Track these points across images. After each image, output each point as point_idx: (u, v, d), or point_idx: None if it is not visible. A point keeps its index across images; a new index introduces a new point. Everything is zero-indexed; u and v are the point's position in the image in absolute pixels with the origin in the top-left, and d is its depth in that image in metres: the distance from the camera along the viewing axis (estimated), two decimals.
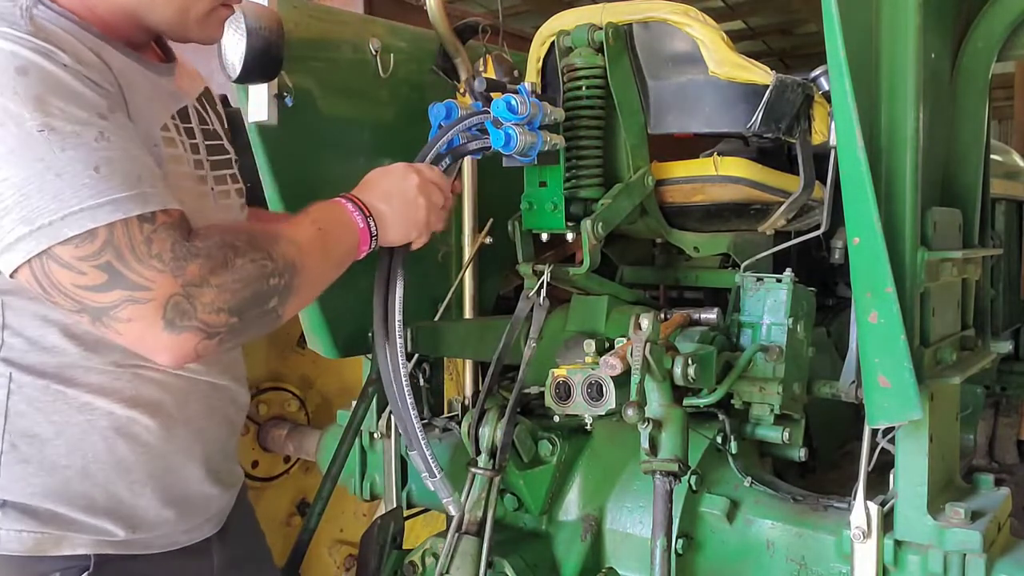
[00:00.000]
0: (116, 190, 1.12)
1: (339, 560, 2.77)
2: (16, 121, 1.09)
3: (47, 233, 1.10)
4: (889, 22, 1.40)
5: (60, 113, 1.11)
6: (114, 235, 1.12)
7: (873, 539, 1.50)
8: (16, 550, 1.26)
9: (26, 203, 1.09)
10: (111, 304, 1.14)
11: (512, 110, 1.59)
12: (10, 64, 1.10)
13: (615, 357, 1.48)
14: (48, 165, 1.09)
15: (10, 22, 1.15)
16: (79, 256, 1.11)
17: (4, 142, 1.08)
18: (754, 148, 2.08)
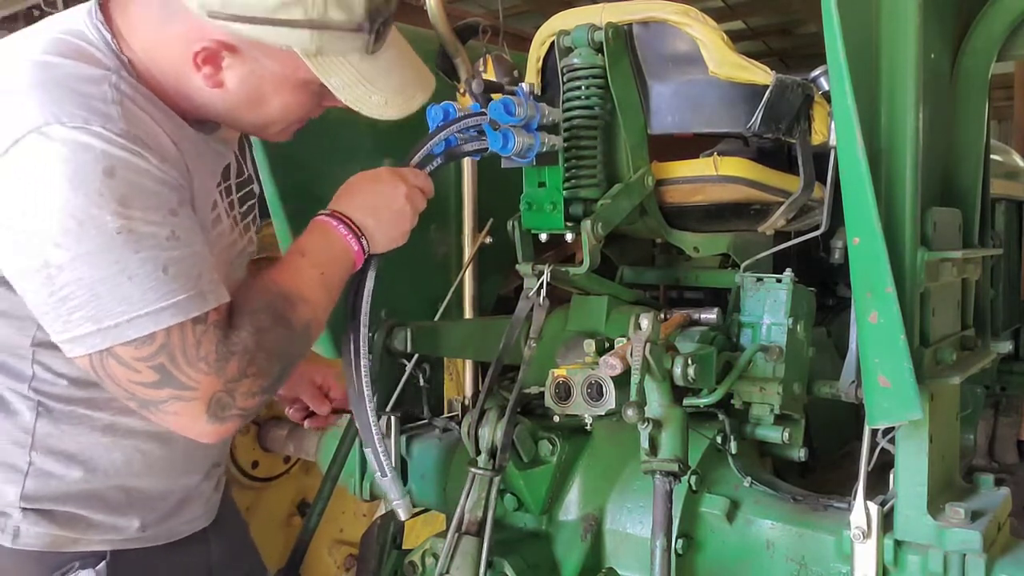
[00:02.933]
0: (178, 292, 1.20)
1: (339, 560, 2.77)
2: (97, 223, 1.14)
3: (112, 334, 1.18)
4: (889, 22, 1.40)
5: (138, 216, 1.17)
6: (170, 339, 1.20)
7: (873, 539, 1.50)
8: (36, 545, 1.34)
9: (97, 303, 1.17)
10: (160, 399, 1.23)
11: (509, 112, 1.59)
12: (99, 165, 1.15)
13: (615, 357, 1.48)
14: (122, 267, 1.16)
15: (104, 115, 1.18)
16: (136, 356, 1.20)
17: (84, 242, 1.14)
18: (754, 148, 2.08)
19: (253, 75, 1.32)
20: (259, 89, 1.34)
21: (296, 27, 1.24)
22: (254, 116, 1.39)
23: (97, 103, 1.19)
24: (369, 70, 1.34)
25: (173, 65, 1.31)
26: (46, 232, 1.14)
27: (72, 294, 1.17)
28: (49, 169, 1.14)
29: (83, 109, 1.17)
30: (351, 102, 1.36)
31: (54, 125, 1.14)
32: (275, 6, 1.22)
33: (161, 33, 1.30)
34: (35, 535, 1.34)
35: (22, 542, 1.34)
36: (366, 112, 1.38)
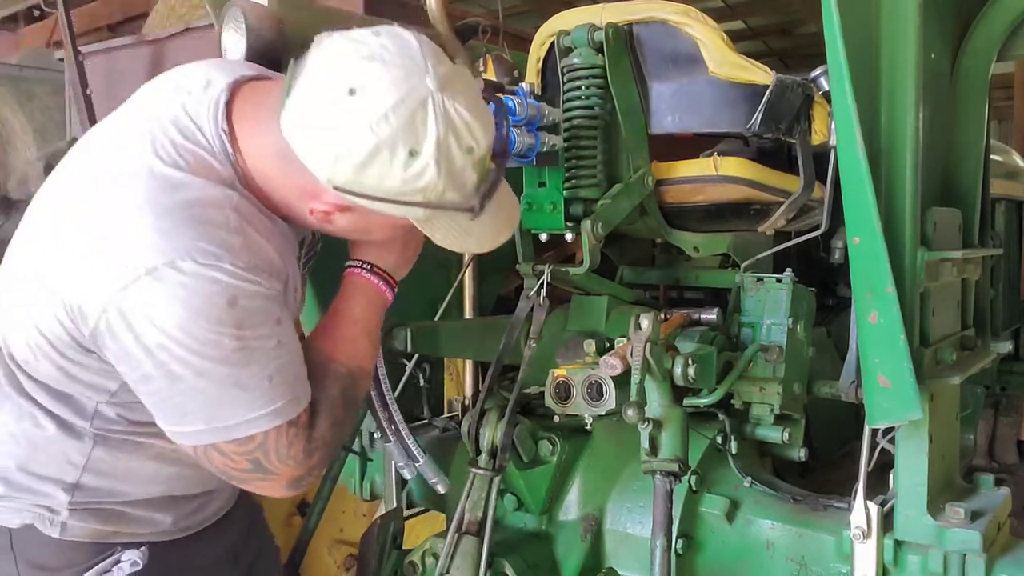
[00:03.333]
0: (279, 399, 1.35)
1: (339, 560, 2.77)
2: (217, 344, 1.27)
3: (220, 433, 1.34)
4: (889, 22, 1.40)
5: (250, 334, 1.30)
6: (267, 439, 1.36)
7: (873, 539, 1.50)
8: (80, 536, 1.46)
9: (209, 409, 1.32)
10: (248, 480, 1.41)
11: (510, 112, 1.59)
12: (223, 297, 1.26)
13: (615, 357, 1.48)
14: (235, 380, 1.30)
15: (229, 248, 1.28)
16: (236, 451, 1.36)
17: (204, 360, 1.27)
18: (754, 148, 2.08)
19: (361, 221, 1.42)
20: (368, 228, 1.46)
21: (414, 206, 1.33)
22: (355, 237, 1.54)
23: (222, 234, 1.29)
24: (468, 224, 1.42)
25: (285, 200, 1.41)
26: (171, 350, 1.26)
27: (188, 400, 1.31)
28: (180, 298, 1.25)
29: (212, 244, 1.27)
30: (447, 245, 1.46)
31: (188, 261, 1.25)
32: (399, 191, 1.31)
33: (280, 172, 1.37)
34: (80, 529, 1.46)
35: (68, 534, 1.45)
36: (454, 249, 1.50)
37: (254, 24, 1.74)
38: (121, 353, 1.29)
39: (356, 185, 1.30)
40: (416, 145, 1.27)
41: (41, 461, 1.44)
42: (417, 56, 1.30)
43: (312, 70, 1.31)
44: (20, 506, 1.45)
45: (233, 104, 1.39)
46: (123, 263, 1.25)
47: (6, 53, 6.96)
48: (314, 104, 1.29)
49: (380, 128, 1.25)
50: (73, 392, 1.41)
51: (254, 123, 1.37)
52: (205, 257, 1.25)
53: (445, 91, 1.29)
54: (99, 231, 1.29)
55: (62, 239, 1.33)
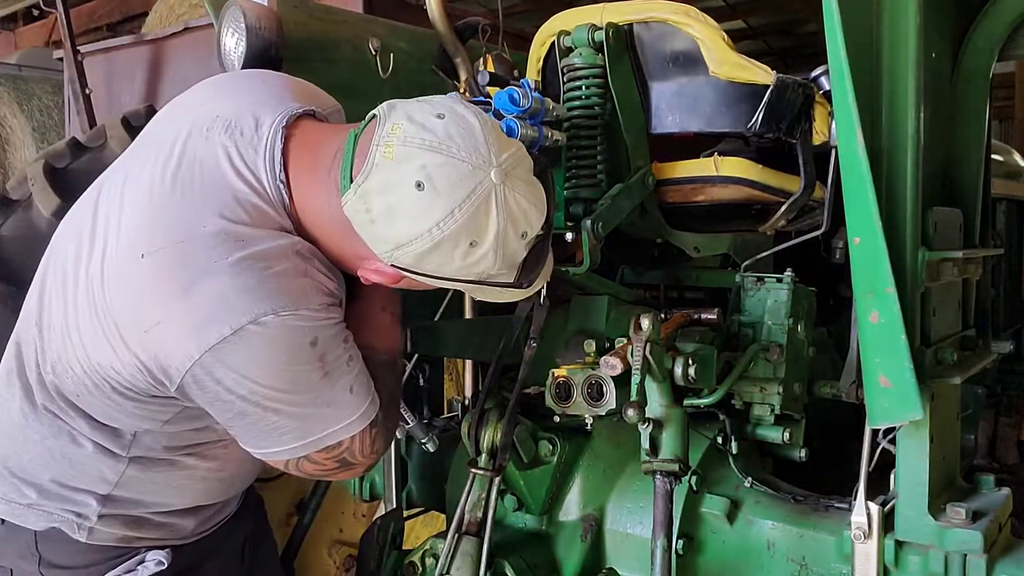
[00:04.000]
0: (360, 404, 1.43)
1: (339, 560, 2.76)
2: (305, 378, 1.34)
3: (312, 445, 1.41)
4: (889, 22, 1.40)
5: (332, 360, 1.37)
6: (354, 442, 1.44)
7: (874, 539, 1.50)
8: (107, 540, 1.51)
9: (303, 428, 1.39)
10: (330, 475, 1.49)
11: (514, 102, 1.58)
12: (306, 339, 1.33)
13: (615, 357, 1.48)
14: (324, 401, 1.38)
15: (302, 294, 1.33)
16: (326, 456, 1.44)
17: (294, 393, 1.35)
18: (755, 148, 2.08)
19: (406, 285, 1.47)
20: (408, 288, 1.50)
21: (466, 283, 1.40)
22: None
23: (295, 282, 1.34)
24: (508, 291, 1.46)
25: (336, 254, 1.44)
26: (263, 393, 1.32)
27: (283, 427, 1.37)
28: (267, 352, 1.30)
29: (289, 294, 1.31)
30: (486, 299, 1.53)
31: (270, 315, 1.28)
32: (455, 274, 1.36)
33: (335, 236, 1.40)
34: (107, 534, 1.50)
35: (95, 538, 1.50)
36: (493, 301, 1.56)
37: (253, 24, 1.74)
38: (212, 400, 1.34)
39: (415, 267, 1.36)
40: (477, 237, 1.31)
41: (75, 475, 1.47)
42: (481, 145, 1.31)
43: (377, 158, 1.30)
44: (49, 510, 1.48)
45: (288, 152, 1.40)
46: (208, 325, 1.27)
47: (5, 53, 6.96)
48: (380, 195, 1.30)
49: (446, 225, 1.29)
50: (118, 424, 1.44)
51: (311, 183, 1.39)
52: (285, 308, 1.29)
53: (507, 182, 1.32)
54: (179, 293, 1.29)
55: (137, 290, 1.32)
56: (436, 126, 1.30)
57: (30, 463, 1.48)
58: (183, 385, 1.31)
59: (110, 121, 2.35)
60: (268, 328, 1.28)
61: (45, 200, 2.09)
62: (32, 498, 1.48)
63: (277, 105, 1.44)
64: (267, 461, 1.45)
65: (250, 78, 1.59)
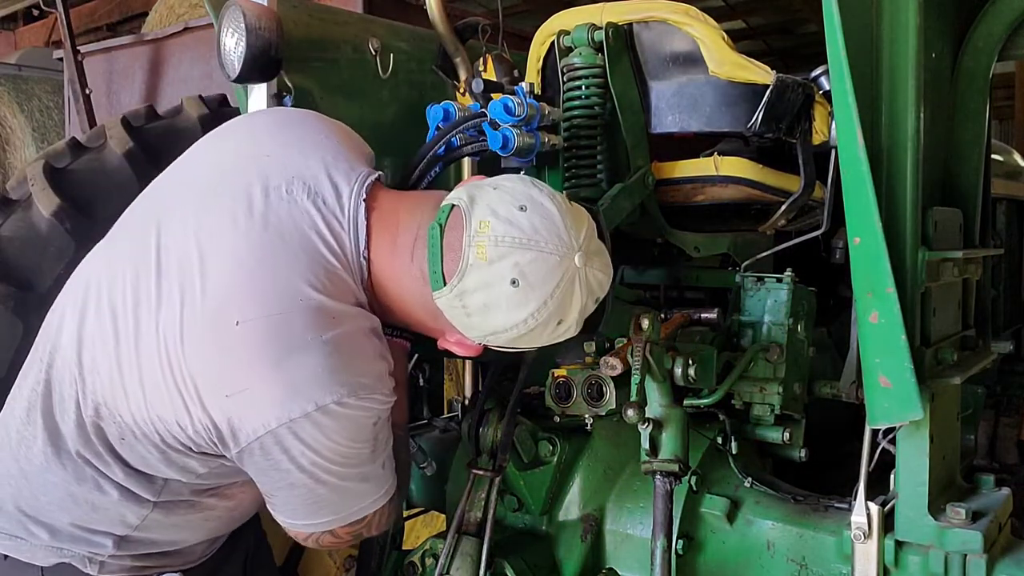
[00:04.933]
0: (388, 479, 1.49)
1: (339, 560, 2.76)
2: (359, 454, 1.40)
3: (341, 519, 1.47)
4: (889, 22, 1.40)
5: (381, 439, 1.44)
6: (375, 517, 1.50)
7: (874, 539, 1.50)
8: (120, 571, 1.51)
9: (341, 503, 1.45)
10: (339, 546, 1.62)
11: (509, 112, 1.58)
12: (372, 420, 1.39)
13: (615, 357, 1.48)
14: (364, 476, 1.44)
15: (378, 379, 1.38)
16: (348, 531, 1.50)
17: (348, 468, 1.40)
18: (754, 148, 2.08)
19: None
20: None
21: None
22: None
23: (375, 366, 1.38)
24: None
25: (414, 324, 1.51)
26: (322, 466, 1.37)
27: (325, 500, 1.42)
28: (340, 430, 1.35)
29: (370, 378, 1.36)
30: None
31: (352, 398, 1.33)
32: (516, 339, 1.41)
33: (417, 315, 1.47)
34: (118, 567, 1.51)
35: (107, 570, 1.50)
36: None
37: (253, 24, 1.73)
38: (269, 468, 1.36)
39: (490, 339, 1.42)
40: (564, 316, 1.39)
41: (95, 519, 1.47)
42: (563, 232, 1.37)
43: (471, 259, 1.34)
44: (59, 546, 1.47)
45: (370, 227, 1.42)
46: (294, 399, 1.30)
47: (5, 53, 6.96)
48: (476, 293, 1.35)
49: (539, 315, 1.36)
50: (154, 473, 1.44)
51: (392, 265, 1.43)
52: (364, 391, 1.35)
53: (588, 264, 1.39)
54: (271, 364, 1.30)
55: (227, 356, 1.31)
56: (522, 221, 1.35)
57: (48, 506, 1.45)
58: (246, 450, 1.33)
59: (110, 121, 2.35)
60: (347, 409, 1.33)
61: (45, 200, 2.09)
62: (43, 539, 1.46)
63: (348, 169, 1.46)
64: (290, 532, 1.49)
65: (304, 126, 1.56)
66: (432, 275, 1.37)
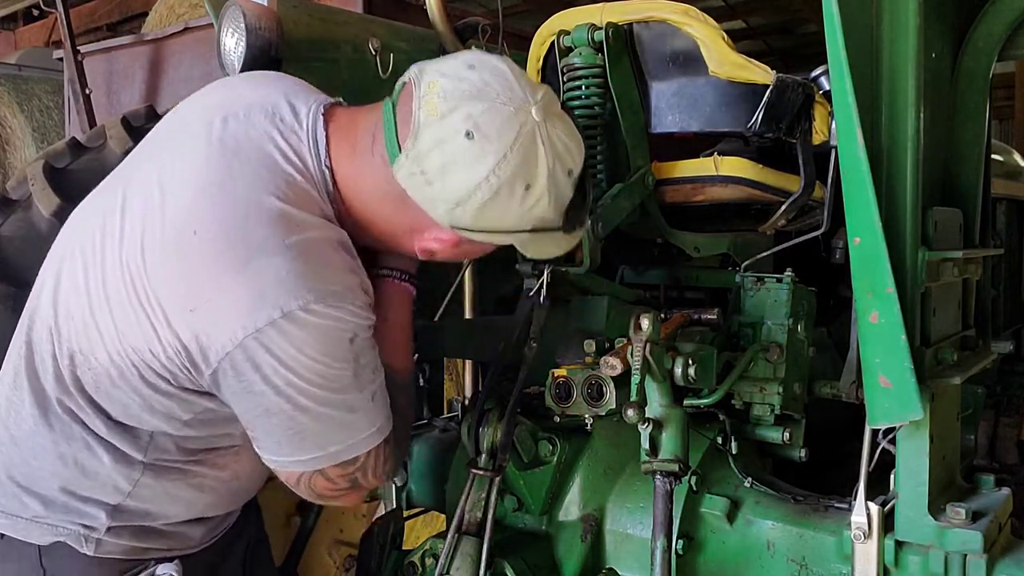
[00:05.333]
0: (379, 418, 1.43)
1: (339, 560, 2.76)
2: (339, 377, 1.35)
3: (330, 457, 1.40)
4: (889, 22, 1.40)
5: (364, 364, 1.38)
6: (369, 458, 1.44)
7: (874, 539, 1.50)
8: (114, 553, 1.48)
9: (326, 434, 1.38)
10: (338, 496, 1.49)
11: None
12: (346, 335, 1.34)
13: (615, 357, 1.48)
14: (349, 405, 1.38)
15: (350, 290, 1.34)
16: (340, 473, 1.43)
17: (327, 392, 1.34)
18: (754, 148, 2.08)
19: (463, 251, 1.49)
20: (464, 254, 1.54)
21: (524, 232, 1.40)
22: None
23: (344, 275, 1.35)
24: (557, 237, 1.46)
25: (388, 234, 1.46)
26: (299, 387, 1.32)
27: (308, 429, 1.37)
28: (311, 340, 1.30)
29: (339, 286, 1.32)
30: (536, 257, 1.56)
31: (319, 304, 1.29)
32: (515, 224, 1.37)
33: (387, 213, 1.42)
34: (115, 546, 1.48)
35: (103, 551, 1.47)
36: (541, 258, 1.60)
37: (253, 23, 1.74)
38: (243, 392, 1.33)
39: (476, 224, 1.37)
40: (531, 179, 1.33)
41: (86, 484, 1.45)
42: (516, 87, 1.34)
43: (422, 118, 1.31)
44: (55, 523, 1.45)
45: (329, 138, 1.41)
46: (258, 306, 1.27)
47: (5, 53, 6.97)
48: (432, 153, 1.31)
49: (501, 171, 1.30)
50: (136, 424, 1.42)
51: (355, 165, 1.40)
52: (333, 298, 1.31)
53: (547, 119, 1.34)
54: (232, 270, 1.29)
55: (188, 268, 1.31)
56: (471, 76, 1.32)
57: (39, 470, 1.45)
58: (218, 371, 1.30)
59: (110, 121, 2.35)
60: (315, 316, 1.29)
61: (45, 200, 2.09)
62: (37, 511, 1.45)
63: (307, 95, 1.46)
64: (281, 474, 1.44)
65: (265, 75, 1.60)
66: (389, 150, 1.35)
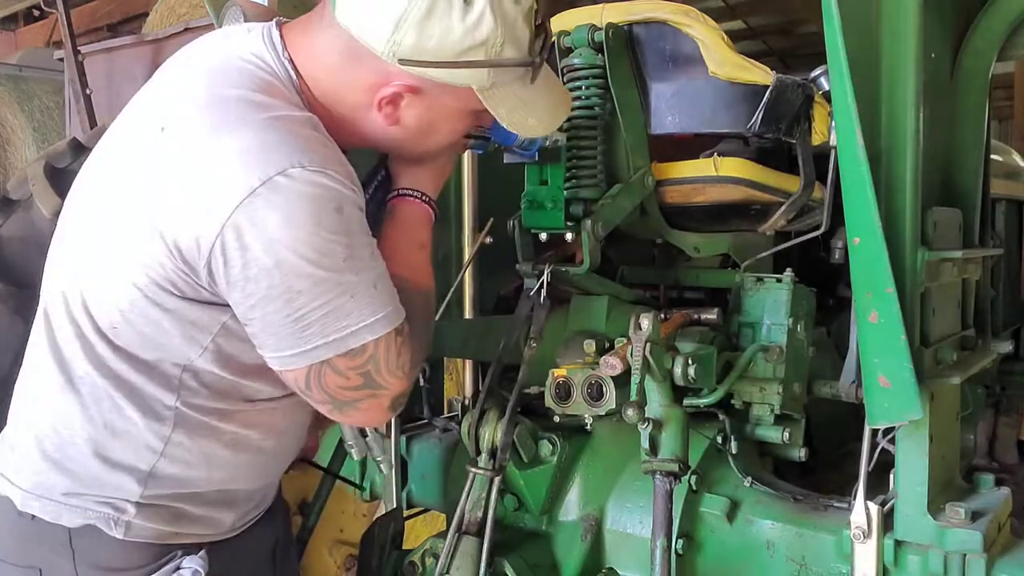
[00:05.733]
0: (386, 305, 1.37)
1: (339, 560, 2.76)
2: (331, 254, 1.29)
3: (336, 346, 1.34)
4: (889, 22, 1.40)
5: (357, 242, 1.33)
6: (378, 348, 1.37)
7: (873, 539, 1.50)
8: (143, 537, 1.45)
9: (326, 320, 1.32)
10: (357, 399, 1.41)
11: None
12: (332, 203, 1.29)
13: (615, 357, 1.48)
14: (347, 288, 1.32)
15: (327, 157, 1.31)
16: (350, 365, 1.36)
17: (321, 270, 1.29)
18: (754, 148, 2.08)
19: (430, 111, 1.44)
20: (433, 123, 1.46)
21: (477, 67, 1.37)
22: (419, 147, 1.52)
23: (316, 145, 1.32)
24: (528, 95, 1.45)
25: (352, 107, 1.43)
26: (290, 262, 1.27)
27: (308, 315, 1.31)
28: (295, 207, 1.26)
29: (315, 153, 1.29)
30: (511, 125, 1.47)
31: (297, 168, 1.26)
32: (461, 50, 1.34)
33: (345, 76, 1.40)
34: (144, 529, 1.45)
35: (132, 534, 1.44)
36: (522, 134, 1.54)
37: None
38: (238, 277, 1.29)
39: (420, 52, 1.33)
40: None
41: (117, 447, 1.42)
42: None
43: None
44: (84, 504, 1.43)
45: (284, 36, 1.42)
46: (234, 180, 1.25)
47: (6, 53, 6.97)
48: None
49: None
50: (161, 357, 1.39)
51: (306, 40, 1.41)
52: (313, 164, 1.27)
53: None
54: (203, 152, 1.29)
55: (161, 166, 1.31)
56: None
57: (69, 437, 1.43)
58: (211, 262, 1.28)
59: (110, 121, 2.35)
60: (296, 181, 1.26)
61: (45, 200, 2.09)
62: (67, 487, 1.43)
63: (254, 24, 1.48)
64: (289, 379, 1.39)
65: None
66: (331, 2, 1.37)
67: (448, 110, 1.44)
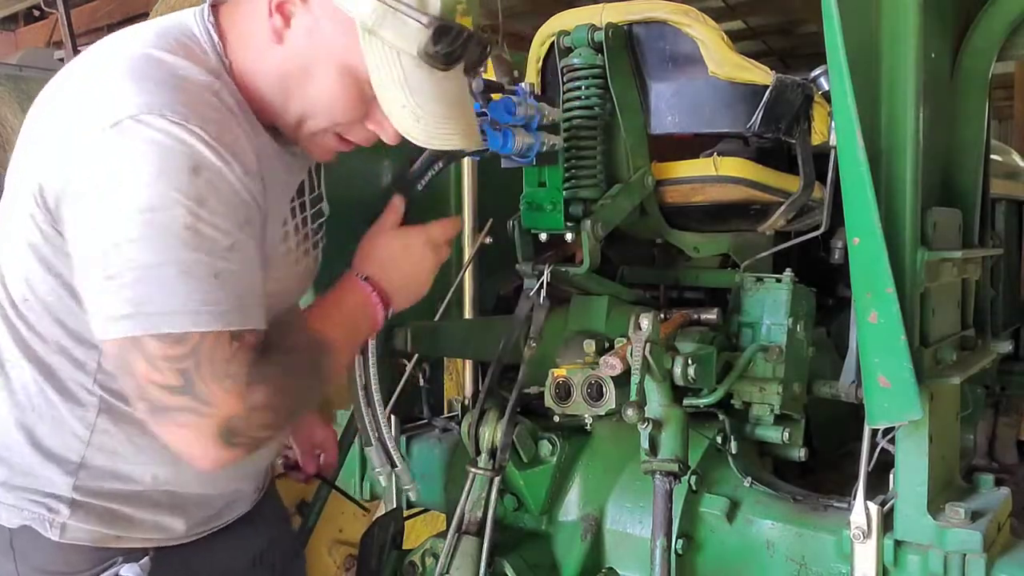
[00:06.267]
0: (223, 302, 1.19)
1: (339, 560, 2.76)
2: (169, 214, 1.15)
3: (148, 321, 1.16)
4: (889, 22, 1.40)
5: (207, 218, 1.17)
6: (203, 344, 1.17)
7: (873, 539, 1.50)
8: (82, 540, 1.36)
9: (142, 287, 1.16)
10: (174, 407, 1.20)
11: (510, 112, 1.59)
12: (188, 161, 1.16)
13: (615, 357, 1.48)
14: (176, 261, 1.15)
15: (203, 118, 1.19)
16: (165, 355, 1.17)
17: (150, 227, 1.15)
18: (754, 148, 2.08)
19: (311, 36, 1.30)
20: (313, 60, 1.31)
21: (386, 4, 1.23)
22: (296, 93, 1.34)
23: (202, 106, 1.21)
24: (416, 80, 1.29)
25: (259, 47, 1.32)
26: (120, 210, 1.15)
27: (122, 273, 1.16)
28: (140, 154, 1.15)
29: (186, 107, 1.19)
30: (382, 100, 1.31)
31: (156, 116, 1.16)
32: None
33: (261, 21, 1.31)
34: (81, 531, 1.36)
35: (69, 536, 1.36)
36: (393, 120, 1.33)
37: None
38: (77, 228, 1.20)
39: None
40: None
41: (47, 433, 1.35)
42: None
43: None
44: (20, 503, 1.37)
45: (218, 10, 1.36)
46: (89, 122, 1.18)
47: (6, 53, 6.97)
48: None
49: None
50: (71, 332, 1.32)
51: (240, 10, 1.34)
52: (175, 115, 1.16)
53: None
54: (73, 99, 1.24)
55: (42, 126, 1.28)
56: None
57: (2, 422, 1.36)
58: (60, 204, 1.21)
59: None
60: (151, 129, 1.15)
61: None
62: (3, 476, 1.36)
63: None
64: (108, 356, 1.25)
65: None
66: None
67: (328, 48, 1.30)
